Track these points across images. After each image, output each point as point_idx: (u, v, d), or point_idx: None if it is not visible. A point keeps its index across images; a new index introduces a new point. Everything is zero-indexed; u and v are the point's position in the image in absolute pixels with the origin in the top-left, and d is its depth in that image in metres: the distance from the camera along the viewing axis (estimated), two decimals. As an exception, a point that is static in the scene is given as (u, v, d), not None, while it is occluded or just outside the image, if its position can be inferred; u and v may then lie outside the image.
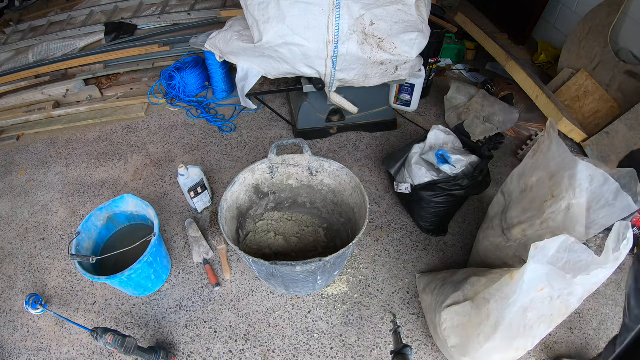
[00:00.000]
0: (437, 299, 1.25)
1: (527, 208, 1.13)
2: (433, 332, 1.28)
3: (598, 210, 0.97)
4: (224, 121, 2.18)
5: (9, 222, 1.72)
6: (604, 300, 1.45)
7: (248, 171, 1.36)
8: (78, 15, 2.66)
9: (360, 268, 1.53)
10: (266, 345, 1.32)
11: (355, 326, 1.37)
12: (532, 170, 1.14)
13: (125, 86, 2.40)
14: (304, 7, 1.45)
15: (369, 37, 1.52)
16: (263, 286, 1.47)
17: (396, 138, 2.09)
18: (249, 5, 1.53)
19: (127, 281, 1.30)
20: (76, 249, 1.31)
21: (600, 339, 1.35)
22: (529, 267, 0.84)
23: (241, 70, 1.76)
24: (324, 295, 1.45)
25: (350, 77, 1.65)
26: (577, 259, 0.86)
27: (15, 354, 1.32)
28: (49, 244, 1.63)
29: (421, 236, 1.64)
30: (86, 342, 1.34)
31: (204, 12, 2.49)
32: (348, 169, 1.33)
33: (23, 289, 1.49)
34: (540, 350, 1.32)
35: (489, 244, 1.31)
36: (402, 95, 2.17)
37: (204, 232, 1.64)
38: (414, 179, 1.53)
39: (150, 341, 1.34)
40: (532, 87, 1.86)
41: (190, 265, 1.53)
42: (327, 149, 2.02)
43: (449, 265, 1.55)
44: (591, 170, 0.96)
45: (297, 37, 1.49)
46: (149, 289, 1.43)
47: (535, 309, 0.92)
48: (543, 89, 1.84)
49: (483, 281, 1.09)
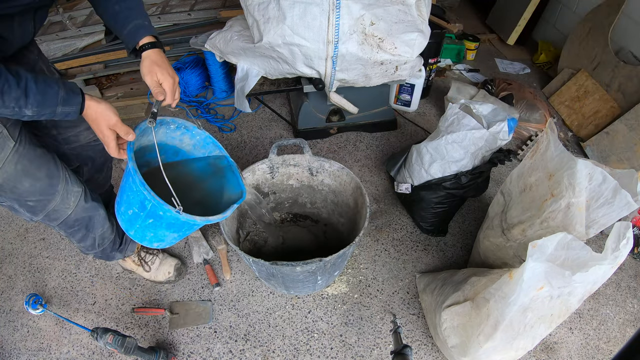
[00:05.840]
0: (437, 299, 1.25)
1: (527, 208, 1.13)
2: (433, 332, 1.28)
3: (597, 209, 0.97)
4: (224, 121, 2.19)
5: (9, 222, 1.72)
6: (604, 300, 1.45)
7: (248, 171, 1.36)
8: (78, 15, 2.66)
9: (360, 268, 1.53)
10: (266, 345, 1.32)
11: (355, 326, 1.37)
12: (532, 170, 1.14)
13: (125, 86, 2.40)
14: (304, 7, 1.45)
15: (369, 37, 1.53)
16: (263, 286, 1.47)
17: (396, 138, 2.09)
18: (249, 5, 1.53)
19: (195, 226, 1.04)
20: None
21: (600, 339, 1.35)
22: (527, 266, 0.84)
23: (241, 71, 1.76)
24: (324, 295, 1.45)
25: (350, 77, 1.65)
26: (576, 256, 0.86)
27: (15, 354, 1.32)
28: (49, 244, 1.63)
29: (421, 236, 1.64)
30: (86, 342, 1.34)
31: (204, 12, 2.49)
32: (348, 169, 1.33)
33: (23, 289, 1.49)
34: (540, 350, 1.32)
35: (489, 244, 1.31)
36: (402, 95, 2.17)
37: (204, 232, 1.64)
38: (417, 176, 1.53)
39: (150, 341, 1.34)
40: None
41: (190, 265, 1.54)
42: (327, 149, 2.02)
43: (449, 265, 1.55)
44: (590, 168, 0.96)
45: (297, 37, 1.50)
46: (169, 242, 1.11)
47: (535, 309, 0.92)
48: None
49: (483, 281, 1.09)
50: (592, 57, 2.18)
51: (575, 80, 2.21)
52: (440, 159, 1.42)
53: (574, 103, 2.19)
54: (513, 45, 2.83)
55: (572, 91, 2.22)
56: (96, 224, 1.19)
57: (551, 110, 2.28)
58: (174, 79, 0.98)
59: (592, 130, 2.05)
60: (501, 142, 1.37)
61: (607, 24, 2.09)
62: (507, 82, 2.20)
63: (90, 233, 1.19)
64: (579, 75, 2.20)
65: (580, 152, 2.03)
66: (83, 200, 1.10)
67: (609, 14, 2.10)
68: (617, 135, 1.88)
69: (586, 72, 2.18)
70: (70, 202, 1.06)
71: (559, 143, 1.04)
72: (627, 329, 1.37)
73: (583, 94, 2.16)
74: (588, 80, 2.15)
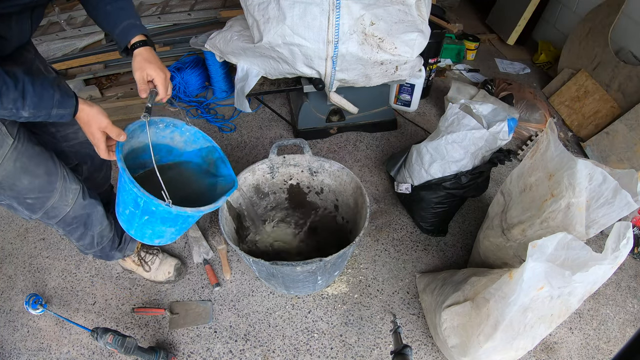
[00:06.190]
0: (437, 299, 1.25)
1: (527, 208, 1.13)
2: (433, 332, 1.28)
3: (597, 209, 0.97)
4: (224, 121, 2.19)
5: (9, 222, 1.72)
6: (604, 300, 1.45)
7: (248, 171, 1.36)
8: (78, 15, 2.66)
9: (360, 268, 1.53)
10: (266, 345, 1.32)
11: (355, 326, 1.37)
12: (532, 170, 1.14)
13: (125, 86, 2.40)
14: (304, 7, 1.45)
15: (369, 37, 1.53)
16: (263, 286, 1.47)
17: (396, 138, 2.09)
18: (249, 5, 1.53)
19: (189, 219, 1.08)
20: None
21: (600, 339, 1.35)
22: (527, 266, 0.84)
23: (241, 71, 1.76)
24: (324, 295, 1.45)
25: (350, 77, 1.65)
26: (576, 256, 0.86)
27: (15, 354, 1.32)
28: (49, 244, 1.63)
29: (421, 236, 1.64)
30: (86, 342, 1.34)
31: (204, 12, 2.49)
32: (348, 169, 1.33)
33: (23, 289, 1.49)
34: (540, 350, 1.32)
35: (489, 244, 1.31)
36: (402, 95, 2.17)
37: (204, 232, 1.64)
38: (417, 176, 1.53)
39: (150, 341, 1.34)
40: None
41: (190, 265, 1.54)
42: (327, 149, 2.02)
43: (449, 265, 1.55)
44: (590, 168, 0.96)
45: (297, 37, 1.50)
46: (169, 238, 1.15)
47: (535, 309, 0.92)
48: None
49: (483, 281, 1.09)
50: (592, 57, 2.18)
51: (575, 80, 2.22)
52: (440, 159, 1.42)
53: (574, 103, 2.20)
54: (513, 45, 2.83)
55: (572, 91, 2.22)
56: (94, 222, 1.19)
57: (551, 110, 2.28)
58: (165, 74, 1.01)
59: (592, 130, 2.05)
60: (501, 142, 1.37)
61: (607, 24, 2.09)
62: (507, 82, 2.20)
63: (89, 231, 1.19)
64: (579, 75, 2.20)
65: (580, 152, 2.03)
66: (81, 198, 1.11)
67: (609, 14, 2.10)
68: (617, 135, 1.88)
69: (586, 72, 2.18)
70: (68, 200, 1.07)
71: (559, 143, 1.04)
72: (627, 329, 1.37)
73: (583, 94, 2.16)
74: (588, 80, 2.15)
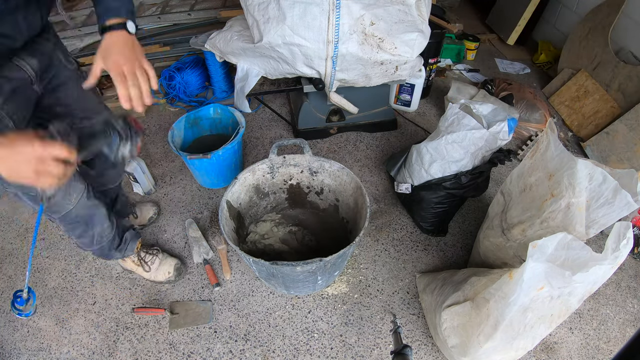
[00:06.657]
0: (437, 299, 1.25)
1: (527, 208, 1.13)
2: (433, 332, 1.28)
3: (597, 209, 0.97)
4: (224, 121, 2.18)
5: (9, 222, 1.72)
6: (604, 300, 1.45)
7: (248, 171, 1.36)
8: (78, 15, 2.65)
9: (360, 268, 1.53)
10: (266, 345, 1.32)
11: (355, 326, 1.37)
12: (532, 170, 1.14)
13: (125, 86, 2.40)
14: (304, 7, 1.45)
15: (369, 37, 1.53)
16: (263, 286, 1.47)
17: (396, 138, 2.09)
18: (249, 5, 1.53)
19: (215, 163, 1.60)
20: (171, 140, 1.63)
21: (600, 339, 1.35)
22: (527, 266, 0.84)
23: (241, 71, 1.76)
24: (324, 295, 1.45)
25: (350, 77, 1.65)
26: (576, 256, 0.86)
27: (15, 354, 1.32)
28: (49, 244, 1.63)
29: (421, 236, 1.64)
30: (86, 342, 1.34)
31: (204, 12, 2.49)
32: (348, 170, 1.33)
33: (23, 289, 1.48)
34: (540, 350, 1.32)
35: (489, 244, 1.31)
36: (402, 95, 2.17)
37: (204, 232, 1.64)
38: (417, 176, 1.53)
39: (151, 341, 1.33)
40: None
41: (190, 265, 1.53)
42: (327, 149, 2.02)
43: (449, 265, 1.55)
44: (590, 168, 0.96)
45: (297, 37, 1.50)
46: (216, 184, 1.76)
47: (535, 309, 0.92)
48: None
49: (483, 281, 1.09)
50: (592, 57, 2.18)
51: (575, 80, 2.21)
52: (440, 159, 1.42)
53: (574, 103, 2.19)
54: (513, 45, 2.82)
55: (572, 91, 2.22)
56: (96, 222, 1.19)
57: (551, 110, 2.28)
58: (140, 62, 0.83)
59: (592, 130, 2.05)
60: (501, 142, 1.37)
61: (607, 24, 2.09)
62: (507, 82, 2.20)
63: (90, 230, 1.20)
64: (579, 75, 2.20)
65: (580, 152, 2.03)
66: (85, 198, 1.10)
67: (609, 14, 2.10)
68: (617, 135, 1.88)
69: (586, 72, 2.18)
70: (72, 198, 1.07)
71: (559, 143, 1.04)
72: (627, 329, 1.37)
73: (583, 94, 2.16)
74: (588, 80, 2.15)
